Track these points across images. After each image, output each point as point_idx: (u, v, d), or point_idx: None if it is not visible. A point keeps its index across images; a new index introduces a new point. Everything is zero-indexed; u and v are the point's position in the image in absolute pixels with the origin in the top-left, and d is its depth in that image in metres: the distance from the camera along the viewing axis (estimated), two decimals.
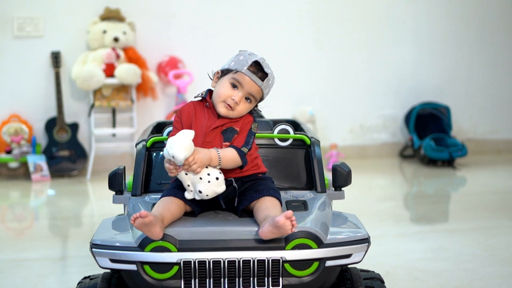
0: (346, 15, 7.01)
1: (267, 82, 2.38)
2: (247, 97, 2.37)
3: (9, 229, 4.76)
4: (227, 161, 2.29)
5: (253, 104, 2.40)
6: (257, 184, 2.34)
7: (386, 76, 7.17)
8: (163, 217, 2.16)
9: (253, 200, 2.28)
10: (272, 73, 2.41)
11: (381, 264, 3.74)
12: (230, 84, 2.37)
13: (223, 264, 2.11)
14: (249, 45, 6.76)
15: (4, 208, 5.50)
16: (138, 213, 2.06)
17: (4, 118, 6.35)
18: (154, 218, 2.08)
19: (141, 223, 2.07)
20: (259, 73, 2.38)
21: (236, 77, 2.36)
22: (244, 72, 2.36)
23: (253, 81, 2.35)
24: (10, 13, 6.34)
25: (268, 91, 2.41)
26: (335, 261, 2.16)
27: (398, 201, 5.49)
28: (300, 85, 6.98)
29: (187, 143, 2.18)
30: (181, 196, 2.26)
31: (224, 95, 2.36)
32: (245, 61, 2.38)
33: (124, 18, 6.43)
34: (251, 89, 2.36)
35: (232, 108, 2.35)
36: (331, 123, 7.06)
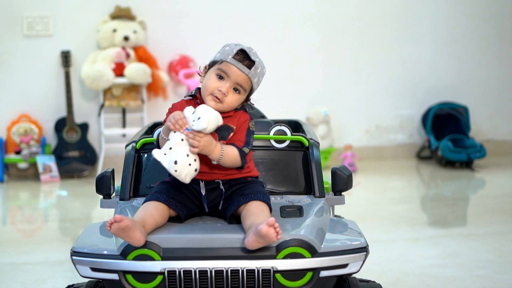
0: (362, 13, 6.88)
1: (255, 71, 2.25)
2: (235, 88, 2.25)
3: (17, 231, 4.70)
4: (227, 159, 2.18)
5: (242, 96, 2.27)
6: (244, 187, 2.21)
7: (403, 76, 7.03)
8: (144, 222, 2.03)
9: (240, 205, 2.14)
10: (260, 62, 2.28)
11: (391, 270, 3.61)
12: (216, 76, 2.25)
13: (210, 274, 1.99)
14: (261, 44, 6.66)
15: (13, 209, 5.45)
16: (113, 217, 1.94)
17: (14, 118, 6.28)
18: (131, 223, 1.96)
19: (117, 228, 1.95)
20: (245, 61, 2.25)
21: (221, 67, 2.24)
22: (229, 61, 2.24)
23: (239, 70, 2.23)
24: (19, 12, 6.28)
25: (257, 81, 2.28)
26: (330, 271, 2.02)
27: (414, 204, 5.35)
28: (314, 85, 6.86)
29: (215, 121, 2.08)
30: (164, 200, 2.14)
31: (211, 87, 2.24)
32: (230, 51, 2.26)
33: (134, 16, 6.34)
34: (238, 78, 2.23)
35: (220, 100, 2.23)
36: (346, 123, 6.93)
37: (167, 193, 2.16)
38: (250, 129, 2.27)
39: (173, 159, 2.06)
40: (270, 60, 6.75)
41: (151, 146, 2.46)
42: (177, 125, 2.09)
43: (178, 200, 2.16)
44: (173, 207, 2.14)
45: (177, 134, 2.09)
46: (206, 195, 2.20)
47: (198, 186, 2.22)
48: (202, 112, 2.07)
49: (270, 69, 6.60)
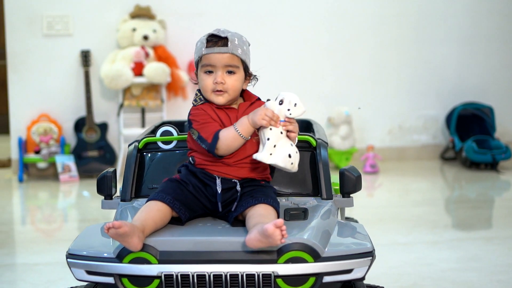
0: (386, 11, 6.78)
1: (233, 44, 2.19)
2: (227, 71, 2.19)
3: (36, 231, 4.68)
4: None
5: (239, 73, 2.22)
6: (256, 190, 2.14)
7: (426, 75, 6.91)
8: (144, 227, 1.96)
9: (249, 206, 2.07)
10: (234, 34, 2.22)
11: (408, 274, 3.52)
12: (204, 73, 2.21)
13: (208, 279, 1.91)
14: (282, 43, 6.61)
15: (32, 209, 5.44)
16: (111, 223, 1.88)
17: (34, 117, 6.27)
18: (130, 229, 1.90)
19: (115, 234, 1.89)
20: (219, 42, 2.19)
21: (203, 63, 2.20)
22: (205, 53, 2.19)
23: (218, 53, 2.18)
24: (39, 11, 6.27)
25: (243, 52, 2.22)
26: (333, 277, 1.94)
27: (436, 206, 5.23)
28: (336, 84, 6.76)
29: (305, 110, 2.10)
30: (169, 202, 2.06)
31: (207, 86, 2.20)
32: (201, 43, 2.22)
33: (154, 16, 6.30)
34: (223, 61, 2.18)
35: (223, 90, 2.18)
36: (368, 124, 6.83)
37: (174, 194, 2.09)
38: None
39: (285, 153, 2.05)
40: (291, 59, 6.72)
41: (153, 146, 2.40)
42: (272, 122, 2.06)
43: (183, 202, 2.09)
44: (177, 210, 2.07)
45: (274, 129, 2.07)
46: (222, 193, 2.13)
47: (214, 183, 2.15)
48: (294, 97, 2.08)
49: (291, 69, 6.60)
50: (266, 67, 6.58)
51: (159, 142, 2.39)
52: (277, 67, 6.61)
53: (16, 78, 6.28)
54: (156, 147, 2.39)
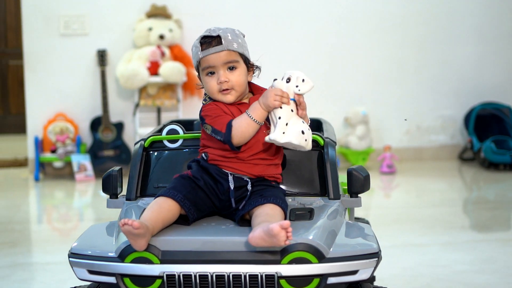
0: (403, 11, 6.72)
1: (227, 40, 2.18)
2: (228, 67, 2.18)
3: (51, 230, 4.70)
4: None
5: (241, 67, 2.20)
6: (265, 190, 2.11)
7: (445, 75, 6.85)
8: (153, 228, 1.94)
9: (257, 205, 2.04)
10: (225, 29, 2.20)
11: (422, 275, 3.48)
12: (207, 76, 2.19)
13: (211, 279, 1.89)
14: (299, 43, 6.57)
15: (48, 208, 5.45)
16: (131, 221, 1.86)
17: (50, 116, 6.28)
18: (144, 232, 1.88)
19: (128, 231, 1.87)
20: (212, 42, 2.17)
21: (203, 66, 2.19)
22: (201, 56, 2.18)
23: (214, 53, 2.16)
24: (56, 11, 6.28)
25: (238, 45, 2.20)
26: (338, 278, 1.90)
27: (453, 207, 5.17)
28: (353, 84, 6.72)
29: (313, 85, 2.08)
30: (179, 199, 2.04)
31: (212, 87, 2.19)
32: (195, 47, 2.21)
33: (170, 15, 6.29)
34: (221, 59, 2.17)
35: (229, 88, 2.17)
36: (385, 124, 6.78)
37: (185, 192, 2.06)
38: None
39: (299, 130, 2.03)
40: (309, 59, 6.68)
41: (159, 145, 2.38)
42: (284, 99, 2.05)
43: (193, 202, 2.07)
44: (186, 209, 2.04)
45: (285, 107, 2.05)
46: (234, 190, 2.11)
47: (226, 180, 2.13)
48: (300, 74, 2.07)
49: (308, 69, 6.56)
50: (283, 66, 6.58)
51: (165, 140, 2.37)
52: (294, 66, 6.57)
53: (33, 78, 6.30)
54: (162, 145, 2.36)
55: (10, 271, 3.56)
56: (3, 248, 4.01)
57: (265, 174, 2.15)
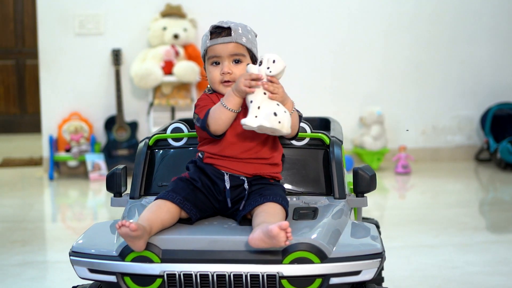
0: (419, 10, 6.67)
1: (237, 33, 2.16)
2: (234, 60, 2.16)
3: (65, 228, 4.70)
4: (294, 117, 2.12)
5: (246, 62, 2.17)
6: (264, 188, 2.08)
7: (461, 75, 6.79)
8: (151, 228, 1.92)
9: (257, 205, 2.01)
10: (237, 24, 2.19)
11: (433, 276, 3.44)
12: (212, 65, 2.18)
13: (212, 278, 1.87)
14: (315, 43, 6.54)
15: (63, 206, 5.47)
16: (128, 222, 1.84)
17: (65, 116, 6.30)
18: (142, 233, 1.86)
19: (126, 234, 1.85)
20: (222, 33, 2.16)
21: (210, 55, 2.18)
22: (209, 44, 2.16)
23: (222, 43, 2.15)
24: (71, 10, 6.30)
25: (248, 40, 2.18)
26: (341, 278, 1.88)
27: (468, 208, 5.12)
28: (368, 84, 6.67)
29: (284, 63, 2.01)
30: (179, 202, 2.01)
31: (215, 77, 2.17)
32: (205, 36, 2.20)
33: (185, 14, 6.28)
34: (228, 50, 2.15)
35: (231, 80, 2.15)
36: (401, 124, 6.72)
37: (184, 194, 2.04)
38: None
39: (271, 112, 1.97)
40: (324, 59, 6.64)
41: (164, 143, 2.36)
42: (253, 83, 2.01)
43: (194, 203, 2.04)
44: (187, 210, 2.02)
45: (257, 91, 2.01)
46: (230, 190, 2.08)
47: (222, 180, 2.10)
48: (271, 55, 2.01)
49: (324, 68, 6.52)
50: (298, 65, 6.55)
51: (169, 139, 2.35)
52: (310, 65, 6.55)
53: (48, 77, 6.31)
54: (166, 144, 2.35)
55: (21, 270, 3.57)
56: (15, 246, 4.02)
57: (261, 173, 2.12)
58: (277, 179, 2.17)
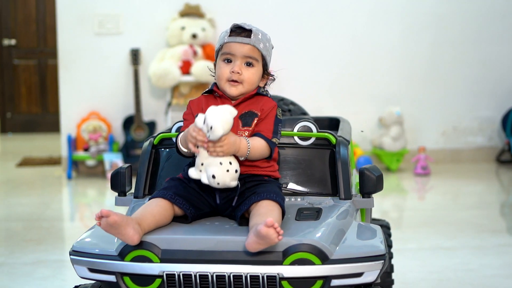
0: (439, 10, 6.60)
1: (256, 37, 2.14)
2: (246, 62, 2.14)
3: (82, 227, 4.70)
4: (255, 152, 2.06)
5: (257, 67, 2.15)
6: (259, 186, 2.05)
7: (482, 75, 6.71)
8: (140, 220, 1.89)
9: (251, 204, 1.98)
10: (258, 29, 2.17)
11: (448, 279, 3.39)
12: (223, 62, 2.15)
13: (211, 279, 1.84)
14: (334, 42, 6.50)
15: (81, 206, 5.48)
16: (100, 211, 1.82)
17: (84, 115, 6.31)
18: (120, 218, 1.83)
19: (106, 224, 1.83)
20: (243, 33, 2.15)
21: (224, 51, 2.15)
22: (227, 41, 2.15)
23: (240, 43, 2.13)
24: (91, 10, 6.31)
25: (264, 47, 2.16)
26: (342, 280, 1.84)
27: (487, 210, 5.05)
28: (388, 84, 6.62)
29: (228, 120, 1.94)
30: (170, 198, 1.99)
31: (224, 74, 2.14)
32: (225, 32, 2.18)
33: (203, 14, 6.27)
34: (243, 51, 2.13)
35: (238, 81, 2.12)
36: (421, 124, 6.66)
37: (174, 190, 2.02)
38: (277, 117, 2.14)
39: (210, 174, 1.96)
40: (343, 58, 6.60)
41: (169, 142, 2.34)
42: (198, 143, 1.97)
43: (186, 198, 2.02)
44: (180, 205, 2.00)
45: (200, 148, 1.98)
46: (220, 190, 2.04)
47: None
48: (211, 119, 1.93)
49: (343, 68, 6.48)
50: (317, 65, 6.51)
51: (174, 138, 2.33)
52: (328, 66, 6.51)
53: (67, 76, 6.34)
54: (171, 143, 2.32)
55: (33, 268, 3.57)
56: (29, 245, 4.03)
57: (253, 173, 2.09)
58: (273, 176, 2.14)
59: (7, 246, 4.07)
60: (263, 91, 2.19)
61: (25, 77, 9.39)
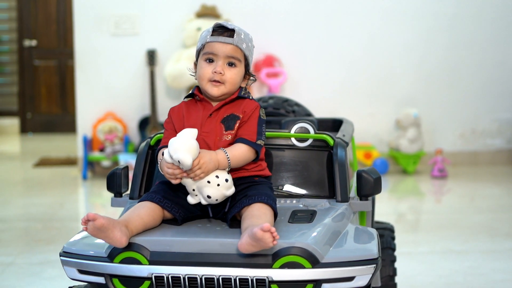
0: (458, 10, 6.53)
1: (239, 37, 2.11)
2: (228, 62, 2.11)
3: None
4: (238, 160, 2.03)
5: (240, 68, 2.12)
6: (250, 188, 2.02)
7: (501, 77, 6.62)
8: (127, 222, 1.88)
9: (243, 207, 1.95)
10: (241, 29, 2.14)
11: (457, 283, 3.35)
12: (205, 61, 2.12)
13: (200, 282, 1.82)
14: (351, 43, 6.45)
15: (96, 206, 5.48)
16: (86, 215, 1.81)
17: (100, 115, 6.33)
18: (107, 222, 1.81)
19: (93, 228, 1.81)
20: (225, 33, 2.12)
21: (205, 50, 2.12)
22: (209, 40, 2.11)
23: (223, 42, 2.09)
24: (107, 10, 6.33)
25: (247, 47, 2.13)
26: (333, 284, 1.81)
27: (503, 213, 4.98)
28: (405, 85, 6.55)
29: (192, 144, 1.93)
30: (158, 201, 1.98)
31: (205, 74, 2.11)
32: (207, 31, 2.15)
33: (220, 15, 6.26)
34: (226, 51, 2.09)
35: (220, 81, 2.09)
36: (438, 126, 6.59)
37: (163, 193, 2.01)
38: (261, 117, 2.11)
39: (205, 195, 1.97)
40: (360, 60, 6.55)
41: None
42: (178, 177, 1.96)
43: (175, 202, 2.00)
44: (168, 209, 1.98)
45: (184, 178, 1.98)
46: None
47: None
48: (175, 153, 1.91)
49: (359, 69, 6.42)
50: (333, 66, 6.46)
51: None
52: (345, 66, 6.47)
53: (84, 77, 6.36)
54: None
55: (41, 268, 3.58)
56: (39, 245, 4.04)
57: (242, 175, 2.07)
58: (263, 175, 2.11)
59: (17, 246, 4.09)
60: (245, 93, 2.15)
61: (45, 78, 9.45)
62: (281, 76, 6.23)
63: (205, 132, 2.06)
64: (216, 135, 2.05)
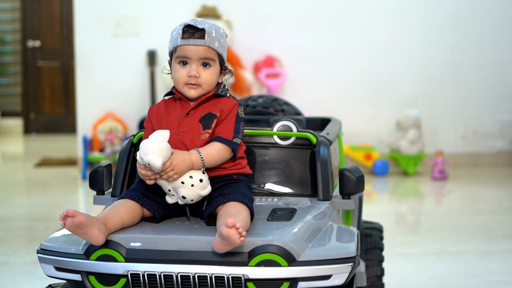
0: (459, 11, 6.51)
1: (210, 36, 2.07)
2: (203, 63, 2.08)
3: None
4: (213, 159, 2.01)
5: (215, 67, 2.09)
6: (226, 186, 2.01)
7: (503, 78, 6.59)
8: (106, 220, 1.87)
9: (218, 205, 1.94)
10: (211, 25, 2.10)
11: (450, 285, 3.34)
12: (179, 64, 2.09)
13: (176, 279, 1.81)
14: (351, 44, 6.44)
15: (94, 206, 5.47)
16: (65, 211, 1.80)
17: (100, 116, 6.33)
18: (86, 219, 1.80)
19: (72, 224, 1.80)
20: (195, 34, 2.07)
21: (178, 54, 2.08)
22: (180, 44, 2.07)
23: (194, 45, 2.06)
24: (108, 11, 6.33)
25: (220, 44, 2.09)
26: (310, 283, 1.79)
27: (502, 215, 4.96)
28: (406, 86, 6.53)
29: (162, 146, 1.92)
30: (137, 199, 1.97)
31: (180, 78, 2.08)
32: (177, 33, 2.10)
33: (220, 15, 6.26)
34: (199, 53, 2.06)
35: (197, 84, 2.07)
36: (439, 128, 6.56)
37: (143, 191, 2.00)
38: (239, 115, 2.08)
39: (180, 195, 1.97)
40: (361, 61, 6.53)
41: None
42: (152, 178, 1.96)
43: (154, 200, 1.99)
44: (147, 207, 1.97)
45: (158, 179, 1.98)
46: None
47: None
48: (145, 156, 1.92)
49: (360, 70, 6.40)
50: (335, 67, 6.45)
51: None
52: (346, 68, 6.45)
53: (84, 77, 6.36)
54: None
55: (33, 268, 3.57)
56: (32, 245, 4.04)
57: (220, 174, 2.05)
58: (242, 173, 2.09)
59: (11, 245, 4.09)
60: (222, 91, 2.12)
61: (49, 78, 9.46)
62: (281, 77, 6.22)
63: (183, 132, 2.05)
64: (193, 134, 2.04)
